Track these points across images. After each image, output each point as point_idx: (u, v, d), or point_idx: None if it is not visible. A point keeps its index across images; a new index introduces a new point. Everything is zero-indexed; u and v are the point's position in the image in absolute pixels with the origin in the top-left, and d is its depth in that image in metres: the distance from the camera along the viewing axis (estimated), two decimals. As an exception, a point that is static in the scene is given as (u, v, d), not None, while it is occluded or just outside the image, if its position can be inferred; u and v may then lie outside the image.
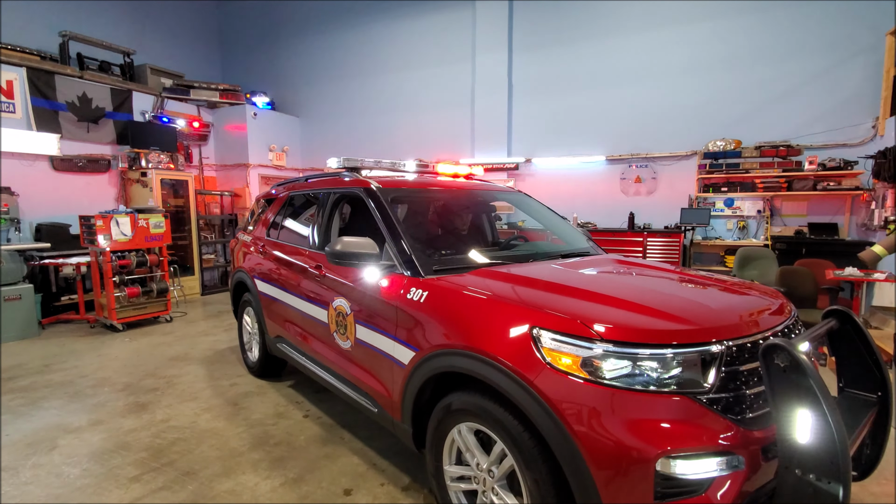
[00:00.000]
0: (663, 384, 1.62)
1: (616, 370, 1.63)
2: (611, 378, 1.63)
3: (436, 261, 2.51)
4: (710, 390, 1.63)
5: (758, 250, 5.98)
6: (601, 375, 1.63)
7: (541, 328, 1.76)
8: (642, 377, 1.63)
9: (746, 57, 6.83)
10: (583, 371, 1.65)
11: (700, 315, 1.83)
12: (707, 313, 1.87)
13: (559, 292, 2.06)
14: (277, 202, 4.12)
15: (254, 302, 4.04)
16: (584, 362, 1.65)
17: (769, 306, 2.08)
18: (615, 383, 1.62)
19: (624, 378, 1.63)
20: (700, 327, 1.74)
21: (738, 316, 1.90)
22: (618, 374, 1.63)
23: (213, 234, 9.01)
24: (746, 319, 1.88)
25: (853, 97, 6.40)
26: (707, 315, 1.85)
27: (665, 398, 1.60)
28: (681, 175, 7.32)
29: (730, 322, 1.82)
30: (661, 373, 1.63)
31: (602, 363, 1.64)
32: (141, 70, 8.29)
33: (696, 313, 1.85)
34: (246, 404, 3.66)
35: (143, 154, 7.35)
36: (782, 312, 2.09)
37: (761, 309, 2.03)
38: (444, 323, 2.09)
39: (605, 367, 1.64)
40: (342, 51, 9.76)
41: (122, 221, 5.63)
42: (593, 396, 1.61)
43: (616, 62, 7.54)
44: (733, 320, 1.85)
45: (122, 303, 5.77)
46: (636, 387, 1.61)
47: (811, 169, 6.41)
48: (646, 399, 1.59)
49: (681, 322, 1.75)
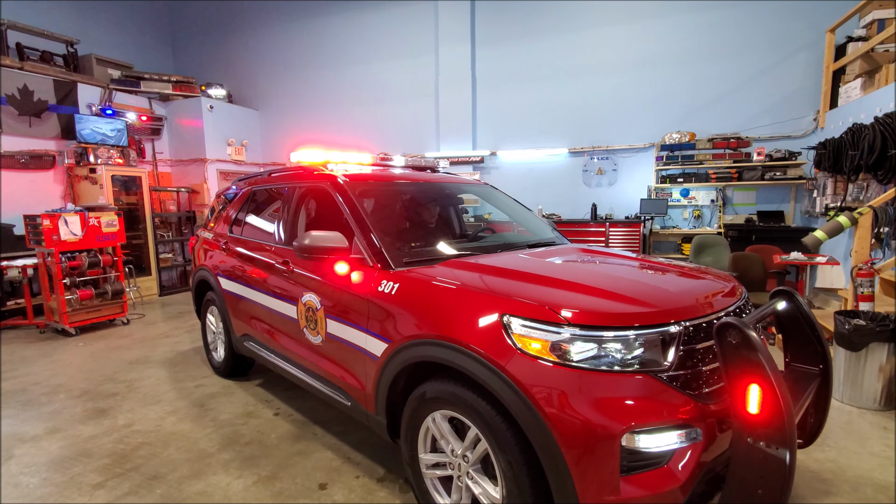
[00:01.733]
0: (627, 364, 1.70)
1: (583, 353, 1.71)
2: (578, 360, 1.70)
3: (406, 253, 2.53)
4: (670, 368, 1.72)
5: (712, 238, 6.28)
6: (569, 358, 1.70)
7: (511, 315, 1.81)
8: (607, 358, 1.70)
9: (699, 52, 7.12)
10: (552, 355, 1.71)
11: (659, 298, 1.93)
12: (666, 296, 1.97)
13: (527, 280, 2.12)
14: (240, 198, 4.02)
15: (218, 300, 3.93)
16: (552, 346, 1.72)
17: (722, 289, 2.21)
18: (582, 365, 1.69)
19: (590, 360, 1.70)
20: (659, 309, 1.83)
21: (694, 298, 2.01)
22: (584, 357, 1.70)
23: (171, 233, 8.68)
24: (702, 301, 2.00)
25: (796, 91, 6.79)
26: (666, 298, 1.95)
27: (628, 377, 1.68)
28: (640, 166, 7.58)
29: (686, 304, 1.93)
30: (624, 353, 1.71)
31: (570, 346, 1.71)
32: (86, 61, 7.84)
33: (656, 297, 1.95)
34: (213, 405, 3.58)
35: (90, 149, 6.99)
36: (734, 294, 2.23)
37: (715, 291, 2.15)
38: (417, 314, 2.11)
39: (573, 350, 1.70)
40: (302, 42, 9.54)
41: (71, 220, 5.35)
42: (562, 379, 1.67)
43: (577, 56, 7.70)
44: (689, 302, 1.95)
45: (74, 306, 5.50)
46: (601, 367, 1.69)
47: (759, 160, 6.77)
48: (611, 379, 1.67)
49: (642, 305, 1.84)
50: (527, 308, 1.81)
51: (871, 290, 4.00)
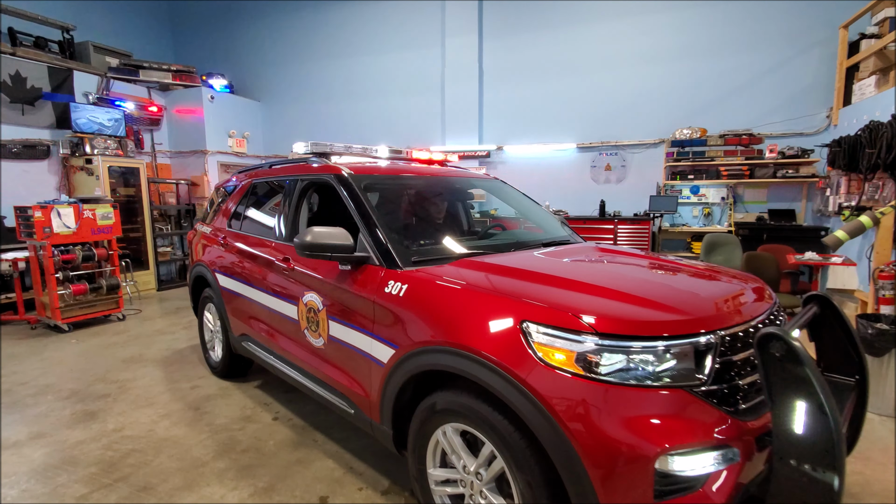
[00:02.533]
0: (658, 378, 1.55)
1: (611, 365, 1.55)
2: (606, 373, 1.54)
3: (414, 252, 2.37)
4: (706, 382, 1.57)
5: (723, 236, 6.11)
6: (596, 371, 1.54)
7: (530, 322, 1.66)
8: (637, 371, 1.55)
9: (710, 47, 6.94)
10: (577, 367, 1.56)
11: (692, 304, 1.77)
12: (699, 302, 1.81)
13: (545, 283, 1.96)
14: (239, 191, 3.86)
15: (215, 298, 3.78)
16: (577, 357, 1.56)
17: (755, 293, 2.06)
18: (610, 379, 1.53)
19: (619, 373, 1.54)
20: (694, 317, 1.68)
21: (728, 304, 1.85)
22: (613, 369, 1.55)
23: (169, 226, 8.51)
24: (737, 308, 1.84)
25: (809, 88, 6.61)
26: (699, 304, 1.79)
27: (661, 392, 1.53)
28: (649, 163, 7.40)
29: (721, 311, 1.78)
30: (656, 366, 1.56)
31: (597, 358, 1.55)
32: (83, 48, 7.64)
33: (689, 303, 1.79)
34: (209, 408, 3.43)
35: (87, 139, 6.81)
36: (767, 299, 2.07)
37: (748, 296, 2.00)
38: (426, 318, 1.96)
39: (601, 361, 1.55)
40: (306, 32, 9.33)
41: (64, 212, 5.18)
42: (589, 393, 1.52)
43: (587, 50, 7.51)
44: (724, 309, 1.80)
45: (68, 301, 5.34)
46: (631, 382, 1.53)
47: (771, 157, 6.59)
48: (643, 394, 1.52)
49: (674, 312, 1.68)
50: (548, 314, 1.66)
51: (892, 292, 3.85)
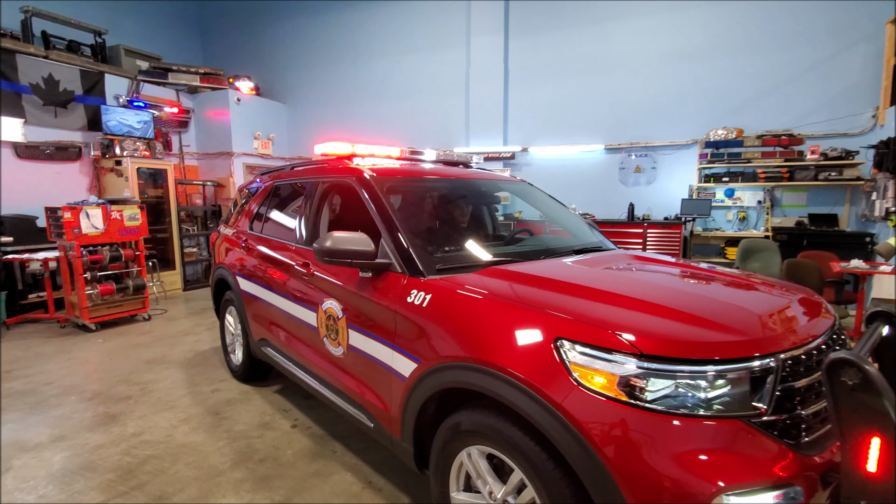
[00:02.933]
0: (711, 407, 1.38)
1: (658, 391, 1.40)
2: (652, 400, 1.39)
3: (438, 259, 2.25)
4: (766, 412, 1.40)
5: (760, 242, 5.82)
6: (641, 397, 1.39)
7: (565, 339, 1.51)
8: (687, 399, 1.39)
9: (747, 44, 6.62)
10: (619, 392, 1.40)
11: (748, 323, 1.60)
12: (754, 320, 1.63)
13: (580, 295, 1.81)
14: (261, 193, 3.81)
15: (236, 301, 3.73)
16: (620, 381, 1.41)
17: (813, 309, 1.87)
18: (657, 407, 1.38)
19: (666, 400, 1.39)
20: (751, 338, 1.51)
21: (787, 322, 1.67)
22: (659, 396, 1.39)
23: (196, 227, 8.61)
24: (796, 326, 1.66)
25: (853, 86, 6.24)
26: (755, 322, 1.62)
27: (716, 423, 1.36)
28: (681, 164, 7.12)
29: (781, 330, 1.60)
30: (708, 393, 1.39)
31: (642, 382, 1.40)
32: (114, 51, 7.80)
33: (744, 321, 1.61)
34: (228, 413, 3.38)
35: (116, 141, 6.92)
36: (826, 315, 1.88)
37: (806, 312, 1.81)
38: (452, 331, 1.83)
39: (647, 387, 1.40)
40: (331, 34, 9.34)
41: (92, 213, 5.24)
42: (633, 422, 1.37)
43: (615, 48, 7.28)
44: (784, 328, 1.62)
45: (95, 301, 5.40)
46: (681, 411, 1.37)
47: (813, 159, 6.25)
48: (693, 425, 1.36)
49: (729, 332, 1.52)
50: (586, 331, 1.51)
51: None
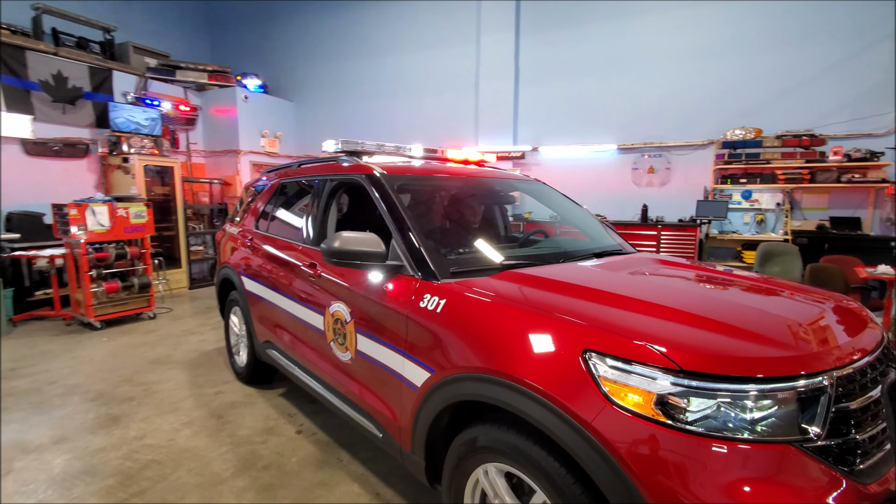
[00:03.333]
0: (760, 430, 1.25)
1: (699, 411, 1.26)
2: (693, 422, 1.26)
3: (452, 261, 2.12)
4: (820, 436, 1.26)
5: (780, 245, 5.65)
6: (681, 418, 1.26)
7: (594, 352, 1.38)
8: (734, 420, 1.26)
9: (766, 41, 6.43)
10: (656, 411, 1.27)
11: (797, 336, 1.46)
12: (804, 334, 1.49)
13: (607, 302, 1.68)
14: (267, 191, 3.71)
15: (241, 302, 3.63)
16: (658, 400, 1.28)
17: (860, 320, 1.72)
18: (698, 429, 1.24)
19: (709, 422, 1.26)
20: (802, 353, 1.37)
21: (838, 336, 1.53)
22: (700, 417, 1.26)
23: (202, 225, 8.55)
24: (848, 341, 1.52)
25: (878, 85, 6.02)
26: (805, 336, 1.48)
27: (766, 449, 1.23)
28: (696, 165, 6.94)
29: (832, 344, 1.46)
30: (756, 414, 1.26)
31: (682, 402, 1.27)
32: (123, 48, 7.75)
33: (792, 334, 1.48)
34: (232, 417, 3.28)
35: (124, 138, 6.87)
36: (873, 326, 1.73)
37: (854, 324, 1.67)
38: (468, 340, 1.71)
39: (687, 406, 1.26)
40: (339, 31, 9.25)
41: (98, 211, 5.18)
42: (673, 446, 1.24)
43: (629, 45, 7.11)
44: (836, 342, 1.48)
45: (101, 299, 5.34)
46: (725, 434, 1.24)
47: (836, 160, 6.05)
48: (742, 451, 1.22)
49: (777, 346, 1.38)
50: (617, 343, 1.38)
51: None
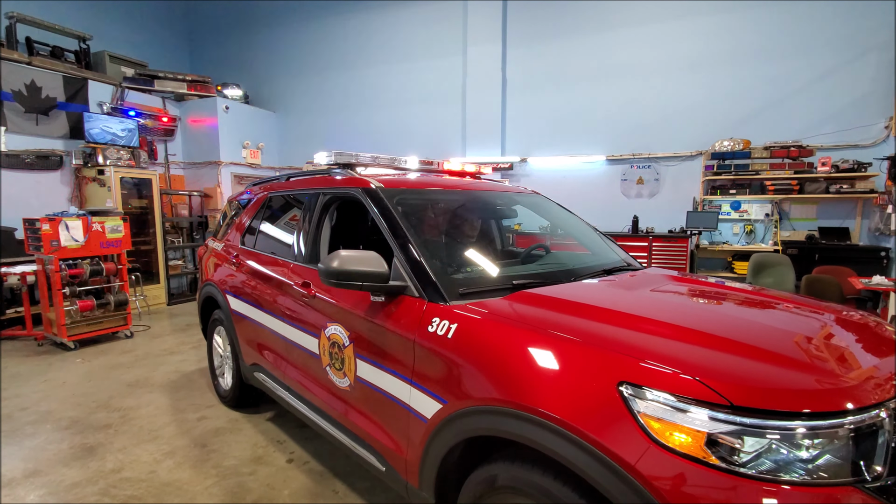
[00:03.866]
0: (820, 470, 1.13)
1: (753, 452, 1.14)
2: (747, 463, 1.14)
3: (460, 281, 1.99)
4: (882, 474, 1.16)
5: (772, 256, 5.65)
6: (734, 460, 1.14)
7: (631, 384, 1.26)
8: (788, 461, 1.14)
9: (753, 53, 6.51)
10: (707, 452, 1.15)
11: (845, 365, 1.36)
12: (855, 361, 1.39)
13: (637, 327, 1.55)
14: (254, 205, 3.53)
15: (226, 321, 3.43)
16: (708, 440, 1.16)
17: (892, 341, 1.64)
18: (756, 472, 1.12)
19: (763, 462, 1.14)
20: (856, 384, 1.27)
21: (885, 364, 1.43)
22: (757, 458, 1.14)
23: (181, 238, 8.27)
24: (891, 365, 1.43)
25: (864, 96, 6.13)
26: (857, 364, 1.38)
27: (828, 491, 1.12)
28: (685, 176, 6.96)
29: (884, 374, 1.36)
30: (813, 452, 1.15)
31: (736, 442, 1.15)
32: (99, 57, 7.49)
33: (839, 362, 1.38)
34: (217, 445, 3.06)
35: (100, 149, 6.60)
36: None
37: (889, 346, 1.58)
38: (486, 369, 1.57)
39: (741, 447, 1.14)
40: (323, 41, 9.13)
41: (72, 225, 4.91)
42: (728, 492, 1.11)
43: (617, 57, 7.13)
44: (887, 370, 1.38)
45: (74, 317, 5.05)
46: (782, 476, 1.12)
47: (824, 170, 6.11)
48: (800, 494, 1.10)
49: (831, 377, 1.27)
50: (658, 375, 1.26)
51: None
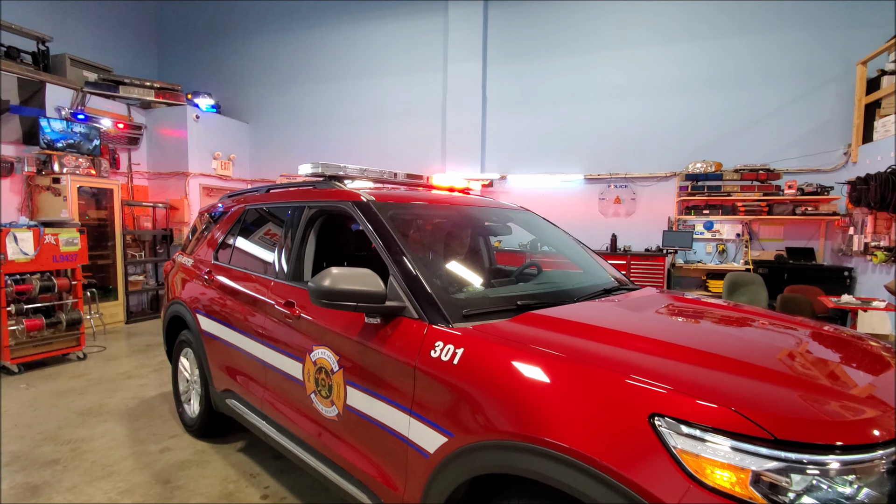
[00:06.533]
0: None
1: (801, 490, 1.05)
2: (796, 503, 1.04)
3: (463, 301, 1.86)
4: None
5: (746, 275, 5.78)
6: (786, 500, 1.04)
7: (665, 416, 1.15)
8: (837, 498, 1.05)
9: (724, 80, 6.76)
10: (753, 492, 1.05)
11: (880, 390, 1.30)
12: (881, 386, 1.34)
13: (662, 354, 1.45)
14: (229, 218, 3.31)
15: (195, 343, 3.17)
16: (754, 478, 1.06)
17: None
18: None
19: (809, 501, 1.05)
20: (889, 411, 1.20)
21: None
22: (801, 496, 1.05)
23: (144, 252, 7.82)
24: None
25: (826, 124, 6.44)
26: (886, 389, 1.32)
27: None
28: (660, 196, 7.10)
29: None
30: (858, 488, 1.06)
31: (784, 480, 1.05)
32: (59, 60, 7.09)
33: (868, 388, 1.31)
34: (182, 481, 2.79)
35: (56, 156, 6.19)
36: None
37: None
38: (499, 399, 1.43)
39: (789, 486, 1.05)
40: (300, 52, 8.96)
41: (21, 237, 4.52)
42: (781, 539, 1.01)
43: (595, 78, 7.27)
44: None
45: (19, 338, 4.62)
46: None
47: (790, 193, 6.35)
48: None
49: (872, 405, 1.20)
50: (694, 407, 1.16)
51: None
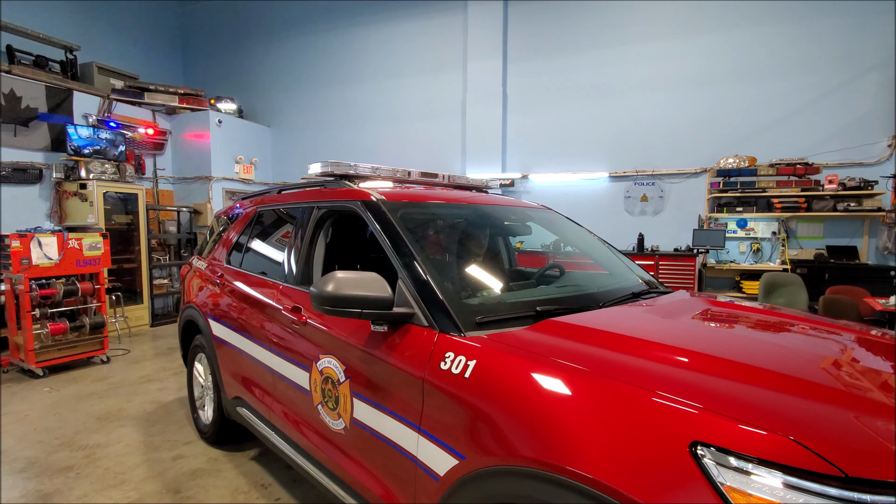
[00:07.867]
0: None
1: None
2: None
3: (476, 308, 1.72)
4: None
5: (784, 276, 5.45)
6: (858, 552, 0.87)
7: (712, 447, 0.99)
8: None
9: (757, 71, 6.41)
10: (818, 541, 0.88)
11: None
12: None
13: (701, 369, 1.28)
14: (241, 220, 3.25)
15: (207, 348, 3.12)
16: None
17: None
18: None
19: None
20: None
21: None
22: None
23: (168, 256, 7.93)
24: None
25: (867, 114, 6.04)
26: None
27: None
28: (689, 194, 6.79)
29: None
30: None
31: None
32: (87, 68, 7.26)
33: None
34: (192, 490, 2.72)
35: (83, 163, 6.31)
36: None
37: None
38: (518, 419, 1.28)
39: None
40: (320, 55, 8.97)
41: (46, 242, 4.59)
42: None
43: (620, 73, 7.02)
44: None
45: (44, 342, 4.68)
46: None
47: (831, 188, 5.97)
48: None
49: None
50: (741, 434, 0.99)
51: None
